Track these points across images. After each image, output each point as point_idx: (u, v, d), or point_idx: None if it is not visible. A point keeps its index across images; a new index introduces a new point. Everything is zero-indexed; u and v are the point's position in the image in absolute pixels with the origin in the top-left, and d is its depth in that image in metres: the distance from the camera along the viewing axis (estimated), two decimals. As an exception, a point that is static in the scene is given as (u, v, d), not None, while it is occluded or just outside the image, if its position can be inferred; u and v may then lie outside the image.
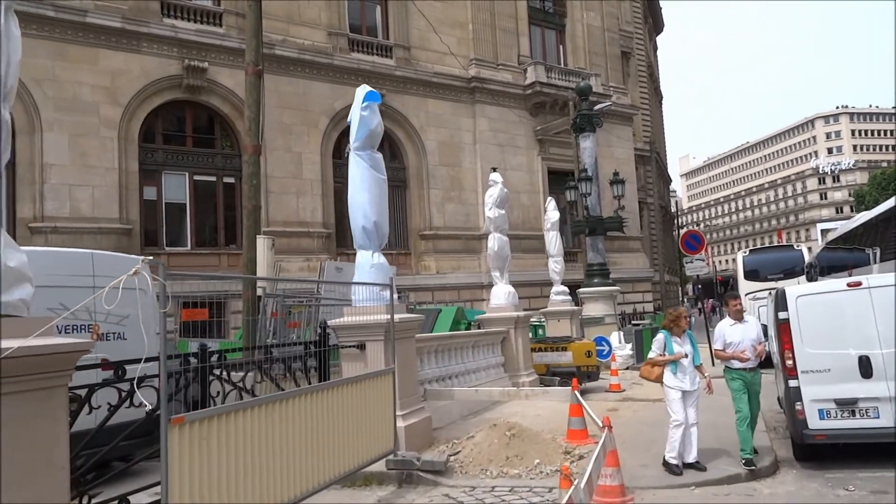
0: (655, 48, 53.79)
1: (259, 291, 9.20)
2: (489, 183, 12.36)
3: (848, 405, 6.43)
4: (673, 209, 60.69)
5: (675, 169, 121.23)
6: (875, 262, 14.09)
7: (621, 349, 16.51)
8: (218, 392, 5.94)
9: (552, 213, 16.25)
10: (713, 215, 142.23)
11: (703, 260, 16.41)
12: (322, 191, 22.64)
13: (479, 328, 12.27)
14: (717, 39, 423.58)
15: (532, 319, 18.17)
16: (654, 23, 51.60)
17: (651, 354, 7.12)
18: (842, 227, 18.33)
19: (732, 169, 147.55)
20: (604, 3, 32.37)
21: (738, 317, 7.27)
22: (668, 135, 61.76)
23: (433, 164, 25.45)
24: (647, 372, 7.11)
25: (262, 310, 8.84)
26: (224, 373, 6.01)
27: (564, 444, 7.28)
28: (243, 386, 6.16)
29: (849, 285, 6.66)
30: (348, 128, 23.94)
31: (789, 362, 6.75)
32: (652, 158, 39.22)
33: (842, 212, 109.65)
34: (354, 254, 23.44)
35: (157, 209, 20.36)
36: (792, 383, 6.75)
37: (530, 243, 25.36)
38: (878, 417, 6.35)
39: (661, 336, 7.06)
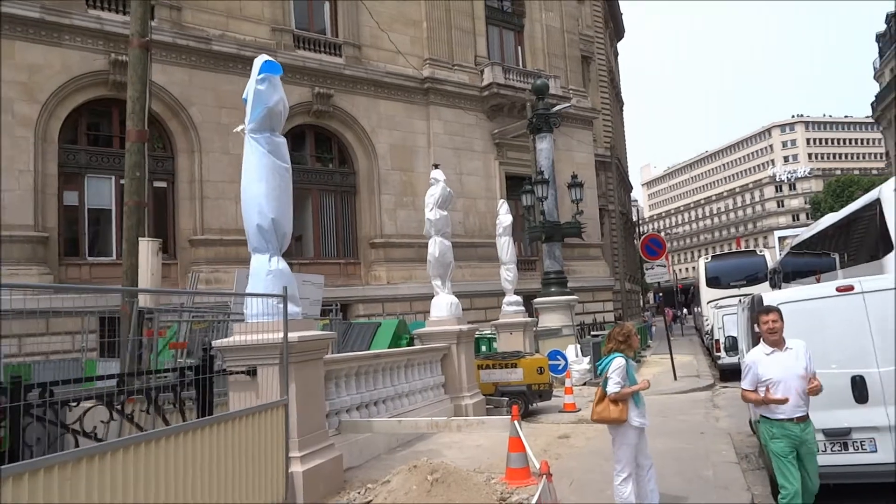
0: (616, 54, 53.41)
1: (149, 304, 7.79)
2: (430, 181, 11.14)
3: (839, 437, 5.30)
4: (634, 217, 60.30)
5: (636, 178, 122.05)
6: (838, 268, 13.30)
7: (578, 363, 15.39)
8: (39, 438, 4.54)
9: (504, 217, 15.08)
10: (674, 224, 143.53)
11: (664, 266, 15.43)
12: (264, 195, 21.13)
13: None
14: (676, 48, 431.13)
15: (485, 332, 16.96)
16: (616, 28, 51.21)
17: (612, 387, 5.30)
18: (806, 231, 17.55)
19: (692, 178, 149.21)
20: (563, 4, 31.56)
21: (777, 342, 5.04)
22: (629, 143, 61.41)
23: (385, 169, 24.16)
24: (612, 412, 5.28)
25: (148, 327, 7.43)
26: (61, 410, 4.62)
27: (501, 488, 6.03)
28: (80, 429, 4.76)
29: (839, 290, 5.55)
30: (294, 129, 22.51)
31: (768, 386, 5.59)
32: (613, 164, 38.51)
33: (798, 219, 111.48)
34: (306, 264, 22.10)
35: (78, 215, 18.68)
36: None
37: (487, 251, 24.18)
38: (875, 451, 5.24)
39: (620, 361, 5.40)
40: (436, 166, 11.35)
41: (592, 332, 23.35)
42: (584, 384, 15.31)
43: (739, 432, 9.28)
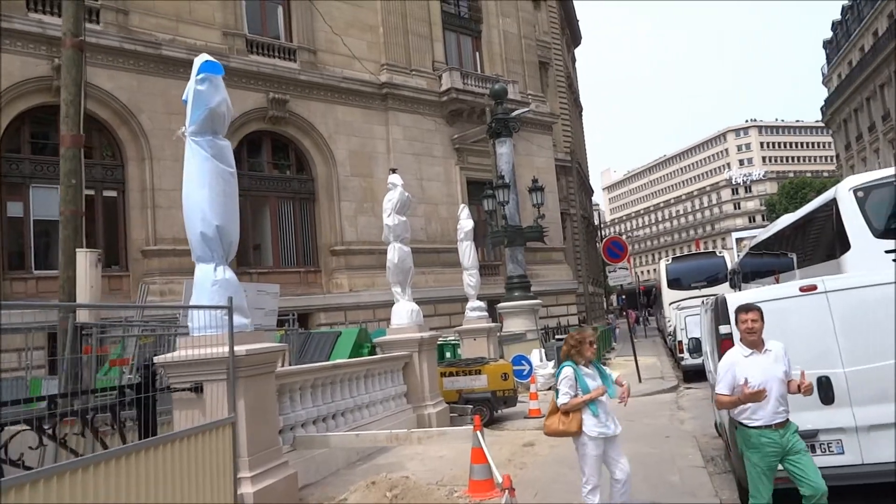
0: (574, 60, 53.87)
1: (89, 319, 7.35)
2: (388, 186, 10.85)
3: (806, 439, 5.15)
4: (596, 221, 60.80)
5: (596, 182, 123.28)
6: (795, 268, 13.41)
7: (543, 367, 15.24)
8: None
9: (465, 222, 14.88)
10: (634, 227, 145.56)
11: (627, 269, 15.40)
12: (219, 204, 20.57)
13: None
14: (633, 55, 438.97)
15: (449, 338, 16.72)
16: (572, 34, 51.62)
17: (561, 399, 5.06)
18: (763, 231, 17.71)
19: (652, 181, 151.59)
20: (520, 10, 31.63)
21: (756, 343, 4.68)
22: (589, 148, 62.07)
23: (344, 175, 23.78)
24: (561, 424, 5.02)
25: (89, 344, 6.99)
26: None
27: (465, 500, 5.77)
28: (5, 456, 4.37)
29: (802, 290, 5.42)
30: (250, 136, 21.96)
31: (735, 387, 5.45)
32: (573, 169, 38.70)
33: (754, 220, 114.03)
34: (265, 273, 21.51)
35: (23, 227, 17.90)
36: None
37: (450, 257, 23.94)
38: (842, 453, 5.12)
39: (568, 370, 5.12)
40: (393, 171, 11.09)
41: (557, 336, 23.29)
42: (549, 389, 15.14)
43: (705, 434, 9.18)
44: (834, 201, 10.31)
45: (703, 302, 8.86)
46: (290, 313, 11.15)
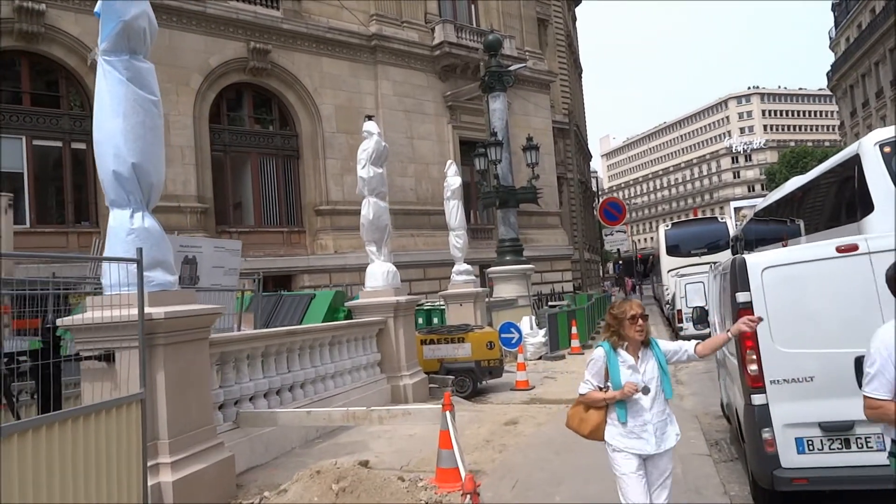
0: (574, 19, 52.13)
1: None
2: (363, 134, 9.80)
3: (840, 432, 4.25)
4: (594, 188, 59.66)
5: (595, 149, 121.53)
6: (803, 234, 12.46)
7: (533, 336, 14.38)
8: None
9: (452, 179, 13.86)
10: (633, 195, 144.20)
11: (624, 232, 14.43)
12: (196, 159, 19.50)
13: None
14: (634, 18, 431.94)
15: (435, 303, 15.83)
16: (574, -7, 49.82)
17: (582, 388, 3.87)
18: (771, 195, 16.69)
19: (651, 149, 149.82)
20: (518, -38, 30.07)
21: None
22: (588, 114, 60.50)
23: (329, 132, 22.59)
24: (577, 420, 3.88)
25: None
26: None
27: (427, 495, 4.88)
28: None
29: (839, 250, 4.44)
30: (230, 88, 20.76)
31: (752, 368, 4.51)
32: (571, 131, 37.47)
33: (754, 190, 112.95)
34: (246, 233, 20.50)
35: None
36: (756, 399, 4.48)
37: (440, 219, 22.70)
38: (882, 449, 4.22)
39: (598, 352, 3.85)
40: (369, 118, 10.02)
41: (550, 303, 22.44)
42: (540, 359, 14.34)
43: (706, 413, 8.32)
44: (856, 158, 9.29)
45: (712, 266, 7.89)
46: (255, 273, 10.20)
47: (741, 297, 4.58)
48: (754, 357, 4.49)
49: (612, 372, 3.73)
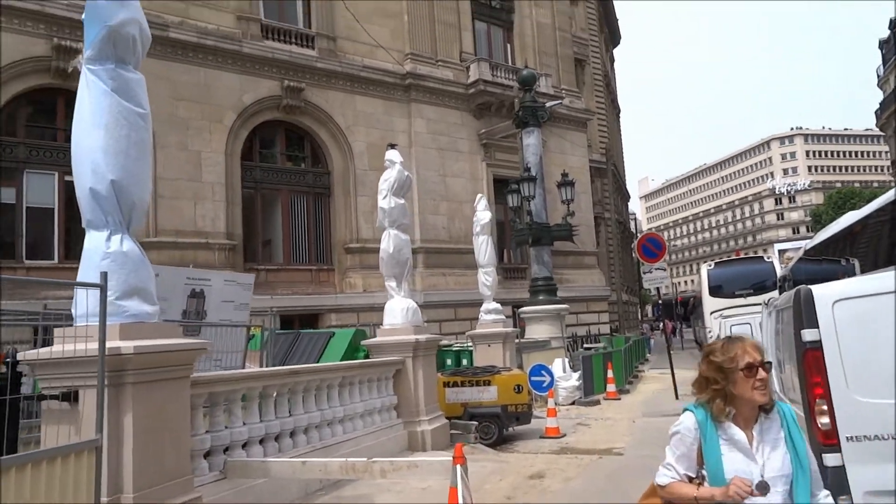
0: (612, 60, 51.95)
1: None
2: (385, 164, 9.39)
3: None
4: (632, 229, 58.58)
5: (634, 191, 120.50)
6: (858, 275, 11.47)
7: (566, 379, 13.55)
8: None
9: (482, 214, 13.32)
10: (673, 237, 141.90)
11: (665, 269, 13.64)
12: (227, 196, 19.41)
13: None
14: (674, 60, 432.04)
15: (467, 344, 15.15)
16: (611, 33, 49.76)
17: (662, 477, 2.65)
18: (822, 232, 15.74)
19: (690, 191, 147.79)
20: (555, 1, 29.94)
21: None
22: (626, 155, 59.67)
23: (361, 169, 22.37)
24: None
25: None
26: None
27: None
28: None
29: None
30: (262, 125, 20.76)
31: (823, 420, 3.77)
32: (609, 171, 36.84)
33: (798, 232, 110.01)
34: (274, 270, 20.22)
35: (15, 214, 16.88)
36: (829, 459, 3.74)
37: (472, 258, 22.18)
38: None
39: (687, 421, 2.61)
40: (392, 146, 9.61)
41: (585, 345, 21.53)
42: (573, 404, 13.47)
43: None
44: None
45: (766, 302, 7.11)
46: (268, 309, 9.74)
47: (808, 335, 3.87)
48: (825, 407, 3.75)
49: (711, 456, 2.46)
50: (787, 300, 4.45)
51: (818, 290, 4.01)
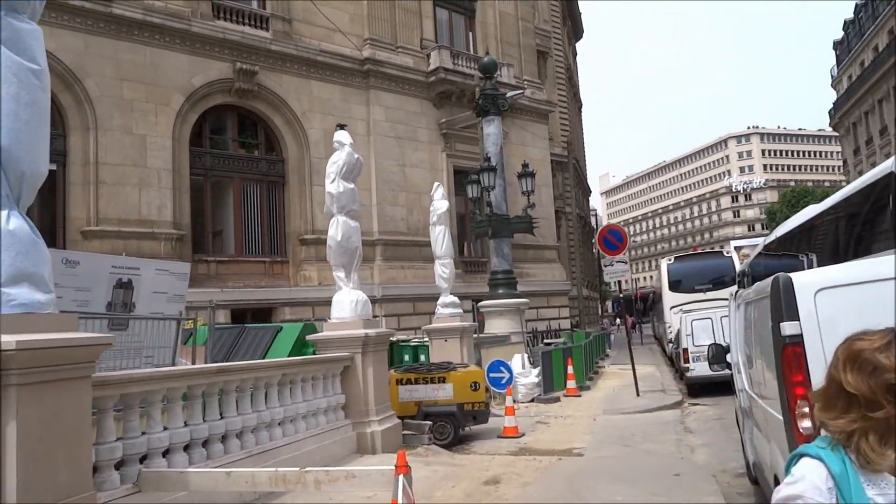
0: (575, 54, 51.85)
1: None
2: (334, 146, 8.76)
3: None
4: (593, 225, 58.74)
5: (595, 187, 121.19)
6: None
7: (525, 375, 13.14)
8: None
9: (439, 203, 12.79)
10: (633, 233, 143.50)
11: (625, 262, 13.31)
12: (174, 183, 18.47)
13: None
14: (634, 57, 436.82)
15: (424, 339, 14.62)
16: (574, 28, 49.62)
17: None
18: (784, 224, 15.62)
19: (650, 187, 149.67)
20: (518, -9, 29.52)
21: None
22: (588, 151, 59.60)
23: (318, 157, 21.54)
24: None
25: None
26: None
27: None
28: None
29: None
30: (212, 109, 19.81)
31: (805, 424, 3.34)
32: (570, 164, 36.66)
33: (754, 229, 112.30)
34: (225, 262, 19.38)
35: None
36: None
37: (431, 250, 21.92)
38: None
39: (812, 477, 1.52)
40: (341, 126, 8.96)
41: (545, 341, 21.20)
42: (532, 401, 13.07)
43: (724, 470, 7.08)
44: (891, 177, 8.20)
45: (733, 294, 6.75)
46: (209, 301, 9.05)
47: (788, 328, 3.43)
48: (806, 409, 3.32)
49: None
50: (762, 290, 4.03)
51: (799, 279, 3.58)
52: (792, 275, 3.62)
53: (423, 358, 13.79)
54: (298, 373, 7.05)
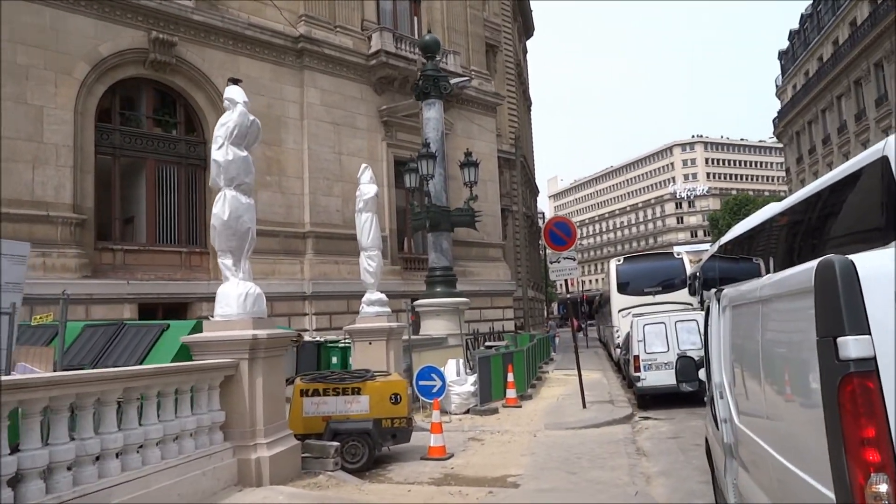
0: (525, 51, 50.89)
1: None
2: (224, 105, 7.14)
3: None
4: (540, 225, 57.92)
5: (543, 189, 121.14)
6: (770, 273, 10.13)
7: (460, 384, 11.68)
8: None
9: (366, 188, 11.22)
10: (580, 236, 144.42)
11: (574, 259, 12.02)
12: (75, 162, 16.42)
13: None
14: (583, 63, 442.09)
15: (343, 339, 13.04)
16: (525, 24, 48.65)
17: None
18: (741, 224, 14.61)
19: (598, 192, 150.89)
20: (466, -23, 28.18)
21: None
22: (536, 153, 58.53)
23: (244, 140, 19.72)
24: None
25: None
26: None
27: None
28: None
29: None
30: (123, 82, 17.72)
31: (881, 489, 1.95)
32: (518, 162, 35.50)
33: (696, 235, 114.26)
34: (134, 251, 17.41)
35: None
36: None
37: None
38: None
39: None
40: (234, 81, 7.32)
41: (487, 343, 19.86)
42: (467, 412, 11.62)
43: (688, 508, 5.74)
44: (881, 162, 7.03)
45: (716, 294, 5.35)
46: (63, 291, 7.29)
47: (853, 347, 2.02)
48: (884, 488, 1.93)
49: None
50: (793, 283, 2.63)
51: (868, 263, 2.20)
52: (855, 257, 2.22)
53: (352, 360, 12.23)
54: (157, 385, 5.40)
